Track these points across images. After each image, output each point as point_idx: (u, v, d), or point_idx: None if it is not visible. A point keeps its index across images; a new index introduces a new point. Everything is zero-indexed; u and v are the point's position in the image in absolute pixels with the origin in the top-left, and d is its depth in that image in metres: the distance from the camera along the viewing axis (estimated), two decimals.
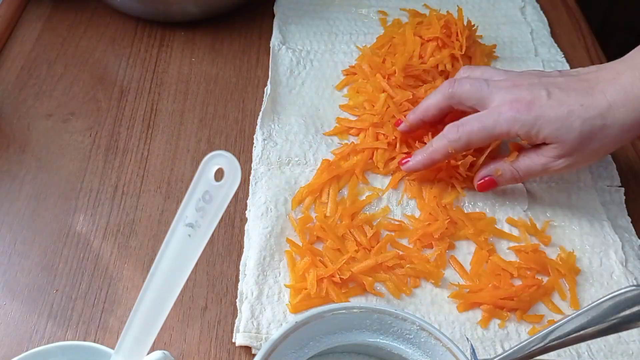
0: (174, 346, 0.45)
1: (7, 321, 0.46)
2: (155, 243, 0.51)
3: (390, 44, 0.67)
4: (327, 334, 0.38)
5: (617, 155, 0.61)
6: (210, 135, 0.60)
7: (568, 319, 0.36)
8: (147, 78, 0.65)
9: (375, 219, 0.53)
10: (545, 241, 0.53)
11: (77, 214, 0.53)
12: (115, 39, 0.70)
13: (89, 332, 0.46)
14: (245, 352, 0.45)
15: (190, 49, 0.69)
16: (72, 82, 0.64)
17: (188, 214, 0.31)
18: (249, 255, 0.50)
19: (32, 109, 0.61)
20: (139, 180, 0.56)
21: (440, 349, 0.37)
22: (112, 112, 0.62)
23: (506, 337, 0.47)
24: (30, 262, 0.49)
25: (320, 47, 0.69)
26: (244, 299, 0.47)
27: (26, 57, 0.66)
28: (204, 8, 0.70)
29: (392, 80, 0.62)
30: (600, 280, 0.51)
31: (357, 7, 0.75)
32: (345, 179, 0.55)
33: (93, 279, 0.49)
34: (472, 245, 0.52)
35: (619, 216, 0.56)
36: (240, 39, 0.71)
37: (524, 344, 0.37)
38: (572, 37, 0.76)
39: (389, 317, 0.38)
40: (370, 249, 0.50)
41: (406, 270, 0.50)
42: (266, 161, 0.57)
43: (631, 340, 0.47)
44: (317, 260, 0.49)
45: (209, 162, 0.31)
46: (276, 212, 0.52)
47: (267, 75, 0.66)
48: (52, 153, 0.57)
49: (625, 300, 0.35)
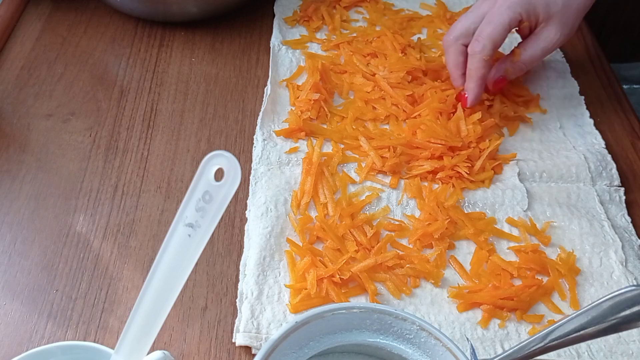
0: (174, 346, 0.45)
1: (7, 321, 0.46)
2: (155, 243, 0.51)
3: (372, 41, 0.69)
4: (327, 334, 0.38)
5: (617, 155, 0.61)
6: (210, 135, 0.60)
7: (568, 319, 0.36)
8: (147, 78, 0.65)
9: (375, 219, 0.53)
10: (545, 241, 0.53)
11: (77, 214, 0.53)
12: (115, 39, 0.70)
13: (89, 332, 0.46)
14: (245, 352, 0.45)
15: (190, 49, 0.69)
16: (72, 82, 0.64)
17: (188, 214, 0.31)
18: (249, 255, 0.50)
19: (32, 109, 0.61)
20: (139, 180, 0.56)
21: (440, 349, 0.37)
22: (112, 112, 0.62)
23: (506, 337, 0.47)
24: (30, 262, 0.49)
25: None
26: (244, 299, 0.47)
27: (26, 57, 0.66)
28: (204, 8, 0.70)
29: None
30: (600, 280, 0.51)
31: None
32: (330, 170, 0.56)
33: (93, 279, 0.49)
34: (472, 245, 0.52)
35: (619, 216, 0.56)
36: (240, 39, 0.71)
37: (524, 344, 0.37)
38: (572, 37, 0.76)
39: (389, 317, 0.38)
40: (370, 249, 0.50)
41: (406, 270, 0.50)
42: (266, 161, 0.57)
43: (631, 340, 0.47)
44: (317, 260, 0.49)
45: (209, 162, 0.31)
46: (276, 212, 0.52)
47: (267, 75, 0.66)
48: (52, 153, 0.57)
49: (625, 300, 0.35)
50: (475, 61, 0.59)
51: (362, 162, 0.57)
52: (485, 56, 0.58)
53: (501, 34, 0.58)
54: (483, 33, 0.59)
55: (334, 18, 0.72)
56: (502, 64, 0.62)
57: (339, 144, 0.58)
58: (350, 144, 0.58)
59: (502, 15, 0.58)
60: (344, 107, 0.62)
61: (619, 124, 0.66)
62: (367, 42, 0.69)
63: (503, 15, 0.58)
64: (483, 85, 0.60)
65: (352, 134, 0.59)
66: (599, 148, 0.61)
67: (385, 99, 0.63)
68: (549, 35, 0.59)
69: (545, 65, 0.70)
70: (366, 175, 0.56)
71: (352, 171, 0.57)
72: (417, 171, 0.56)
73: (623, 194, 0.58)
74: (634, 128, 0.65)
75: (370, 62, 0.67)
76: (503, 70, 0.61)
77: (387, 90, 0.63)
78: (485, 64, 0.59)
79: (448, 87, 0.64)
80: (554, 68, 0.70)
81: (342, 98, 0.64)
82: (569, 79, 0.69)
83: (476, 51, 0.59)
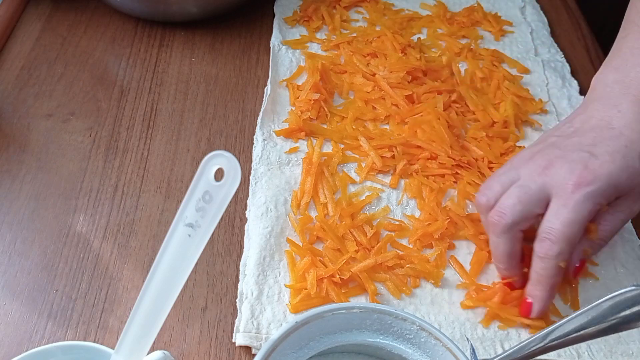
0: (174, 346, 0.45)
1: (7, 321, 0.46)
2: (155, 243, 0.51)
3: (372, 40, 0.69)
4: (327, 334, 0.38)
5: None
6: (210, 135, 0.60)
7: (568, 319, 0.36)
8: (147, 78, 0.65)
9: (375, 219, 0.53)
10: None
11: (77, 214, 0.53)
12: (115, 39, 0.70)
13: (89, 332, 0.46)
14: (245, 352, 0.45)
15: (190, 49, 0.69)
16: (72, 82, 0.64)
17: (188, 214, 0.31)
18: (249, 255, 0.50)
19: (32, 109, 0.61)
20: (139, 180, 0.56)
21: (440, 349, 0.37)
22: (112, 112, 0.62)
23: (506, 337, 0.47)
24: (30, 262, 0.49)
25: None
26: (244, 299, 0.47)
27: (26, 57, 0.66)
28: (204, 8, 0.70)
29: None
30: (600, 280, 0.51)
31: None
32: (330, 170, 0.56)
33: (93, 279, 0.49)
34: (472, 246, 0.52)
35: None
36: (240, 39, 0.71)
37: (524, 344, 0.37)
38: (572, 37, 0.76)
39: (389, 317, 0.38)
40: (370, 249, 0.50)
41: (406, 270, 0.50)
42: (266, 161, 0.57)
43: (631, 340, 0.47)
44: (317, 260, 0.49)
45: (209, 162, 0.31)
46: (276, 212, 0.52)
47: (267, 75, 0.66)
48: (52, 153, 0.57)
49: (625, 300, 0.35)
50: (549, 268, 0.46)
51: (362, 162, 0.57)
52: (563, 263, 0.46)
53: (579, 235, 0.45)
54: (557, 234, 0.45)
55: (334, 18, 0.72)
56: (579, 246, 0.48)
57: (339, 144, 0.58)
58: (350, 144, 0.58)
59: (579, 213, 0.45)
60: (344, 107, 0.62)
61: None
62: (367, 42, 0.69)
63: (581, 211, 0.45)
64: (555, 292, 0.48)
65: (352, 134, 0.59)
66: None
67: (385, 99, 0.63)
68: (629, 206, 0.48)
69: (545, 65, 0.70)
70: (366, 175, 0.56)
71: (352, 171, 0.57)
72: (429, 172, 0.57)
73: None
74: None
75: (370, 62, 0.67)
76: (582, 253, 0.49)
77: (387, 90, 0.63)
78: (561, 270, 0.46)
79: (447, 87, 0.64)
80: (554, 68, 0.70)
81: (342, 98, 0.64)
82: (569, 79, 0.69)
83: (550, 256, 0.45)
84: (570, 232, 0.45)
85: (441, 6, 0.76)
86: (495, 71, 0.67)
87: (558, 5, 0.81)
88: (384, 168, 0.57)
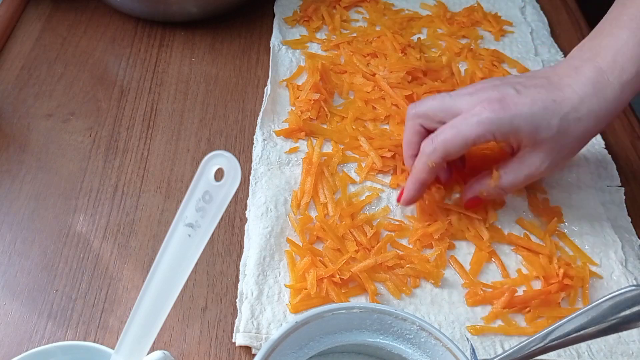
0: (174, 346, 0.45)
1: (7, 321, 0.46)
2: (155, 243, 0.51)
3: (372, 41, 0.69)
4: (327, 334, 0.38)
5: (617, 155, 0.61)
6: (210, 135, 0.60)
7: (568, 319, 0.36)
8: (147, 78, 0.65)
9: (375, 219, 0.53)
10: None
11: (77, 214, 0.53)
12: (115, 39, 0.70)
13: (89, 332, 0.46)
14: (245, 352, 0.45)
15: (190, 49, 0.69)
16: (72, 82, 0.64)
17: (188, 214, 0.31)
18: (249, 255, 0.50)
19: (32, 109, 0.61)
20: (139, 180, 0.56)
21: (440, 349, 0.37)
22: (112, 112, 0.62)
23: (506, 337, 0.47)
24: (30, 262, 0.49)
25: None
26: (244, 299, 0.47)
27: (26, 57, 0.66)
28: (204, 8, 0.70)
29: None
30: (600, 280, 0.51)
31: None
32: (330, 170, 0.56)
33: (93, 279, 0.49)
34: (472, 246, 0.52)
35: (619, 216, 0.56)
36: (240, 39, 0.71)
37: (524, 344, 0.37)
38: (572, 37, 0.76)
39: (389, 317, 0.38)
40: (370, 249, 0.50)
41: (406, 270, 0.50)
42: (266, 161, 0.57)
43: (631, 340, 0.47)
44: (317, 260, 0.49)
45: (209, 162, 0.31)
46: (276, 212, 0.52)
47: (267, 75, 0.66)
48: (52, 153, 0.57)
49: (625, 300, 0.35)
50: (420, 163, 0.51)
51: (362, 162, 0.57)
52: (431, 163, 0.50)
53: (458, 148, 0.49)
54: (440, 136, 0.49)
55: (334, 18, 0.72)
56: (477, 185, 0.52)
57: (339, 144, 0.58)
58: (350, 144, 0.58)
59: (468, 129, 0.48)
60: (344, 107, 0.62)
61: (619, 124, 0.66)
62: (367, 42, 0.69)
63: (470, 129, 0.48)
64: (422, 191, 0.52)
65: (352, 134, 0.59)
66: (599, 148, 0.61)
67: (385, 99, 0.63)
68: (534, 163, 0.49)
69: (545, 65, 0.70)
70: (366, 175, 0.56)
71: (352, 171, 0.57)
72: None
73: (623, 194, 0.58)
74: (634, 128, 0.65)
75: (370, 62, 0.67)
76: (477, 192, 0.52)
77: (387, 90, 0.63)
78: (430, 170, 0.50)
79: (447, 87, 0.64)
80: None
81: (342, 98, 0.64)
82: None
83: (425, 152, 0.50)
84: (451, 143, 0.49)
85: (441, 6, 0.76)
86: (495, 71, 0.67)
87: (558, 5, 0.81)
88: (384, 168, 0.57)
